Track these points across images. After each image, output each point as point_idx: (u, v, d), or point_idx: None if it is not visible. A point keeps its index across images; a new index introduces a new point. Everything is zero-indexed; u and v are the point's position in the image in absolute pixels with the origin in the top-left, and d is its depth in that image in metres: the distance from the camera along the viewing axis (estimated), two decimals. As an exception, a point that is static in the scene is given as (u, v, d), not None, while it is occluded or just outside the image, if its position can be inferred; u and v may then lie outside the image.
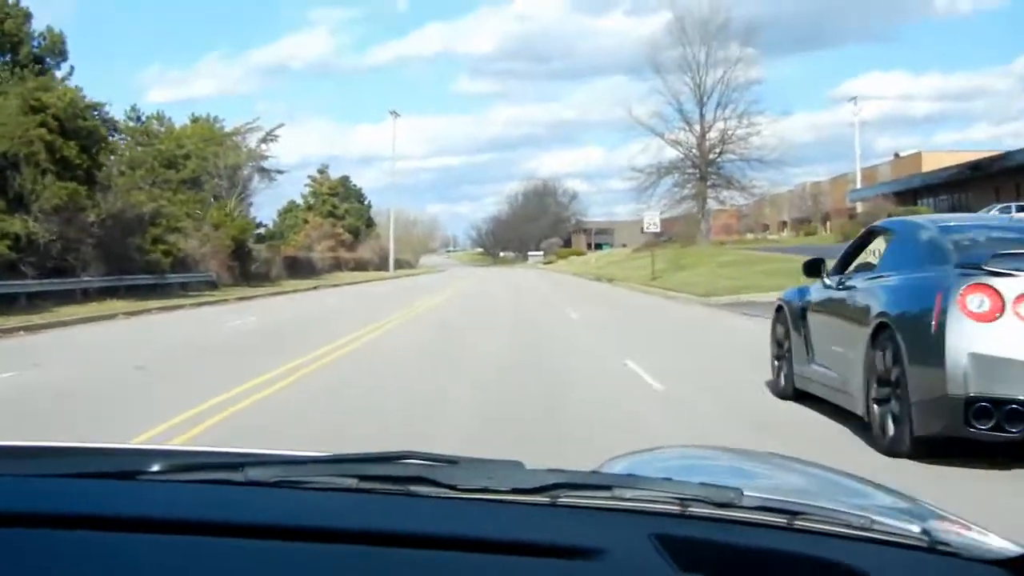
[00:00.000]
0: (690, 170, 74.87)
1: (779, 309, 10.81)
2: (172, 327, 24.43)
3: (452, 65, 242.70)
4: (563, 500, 1.36)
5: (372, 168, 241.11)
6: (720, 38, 72.11)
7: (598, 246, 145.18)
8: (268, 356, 14.80)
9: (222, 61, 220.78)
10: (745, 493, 1.35)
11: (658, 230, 49.21)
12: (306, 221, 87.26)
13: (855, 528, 1.34)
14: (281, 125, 69.41)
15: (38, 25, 40.21)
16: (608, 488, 1.39)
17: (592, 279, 59.89)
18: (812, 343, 9.62)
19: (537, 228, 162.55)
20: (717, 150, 74.09)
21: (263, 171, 67.59)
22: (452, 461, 1.45)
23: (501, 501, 1.36)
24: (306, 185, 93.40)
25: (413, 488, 1.38)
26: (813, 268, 9.92)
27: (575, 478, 1.41)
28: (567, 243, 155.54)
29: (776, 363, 10.69)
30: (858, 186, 75.00)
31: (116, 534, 1.27)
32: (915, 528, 1.40)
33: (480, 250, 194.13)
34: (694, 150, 74.16)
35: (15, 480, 1.44)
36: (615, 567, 1.22)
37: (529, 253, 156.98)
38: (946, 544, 1.35)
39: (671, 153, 74.88)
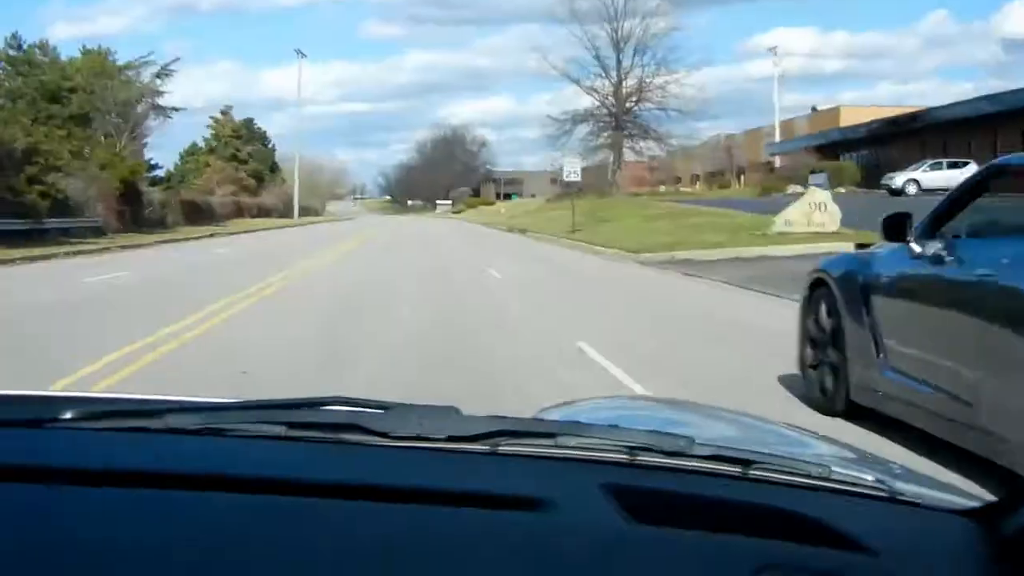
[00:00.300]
0: (606, 118, 71.94)
1: (817, 284, 7.49)
2: (20, 283, 20.47)
3: (362, 7, 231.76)
4: (504, 448, 1.28)
5: (280, 113, 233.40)
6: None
7: (507, 196, 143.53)
8: (95, 339, 11.01)
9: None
10: (696, 442, 1.28)
11: (578, 178, 45.87)
12: (208, 165, 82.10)
13: (812, 478, 1.28)
14: (177, 59, 64.88)
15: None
16: (552, 436, 1.30)
17: (504, 230, 56.60)
18: (884, 340, 6.45)
19: (446, 177, 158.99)
20: (634, 99, 71.14)
21: (159, 108, 62.82)
22: (383, 407, 1.36)
23: (437, 449, 1.27)
24: (208, 127, 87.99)
25: (343, 436, 1.28)
26: (895, 227, 6.54)
27: (516, 425, 1.32)
28: (476, 193, 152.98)
29: (811, 368, 7.49)
30: (776, 139, 72.78)
31: (24, 485, 1.14)
32: (870, 478, 1.35)
33: (388, 199, 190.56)
34: (610, 98, 71.26)
35: None
36: (563, 518, 1.14)
37: (437, 202, 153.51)
38: (904, 494, 1.31)
39: (587, 101, 71.95)
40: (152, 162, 63.32)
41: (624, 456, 1.26)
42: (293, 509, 1.12)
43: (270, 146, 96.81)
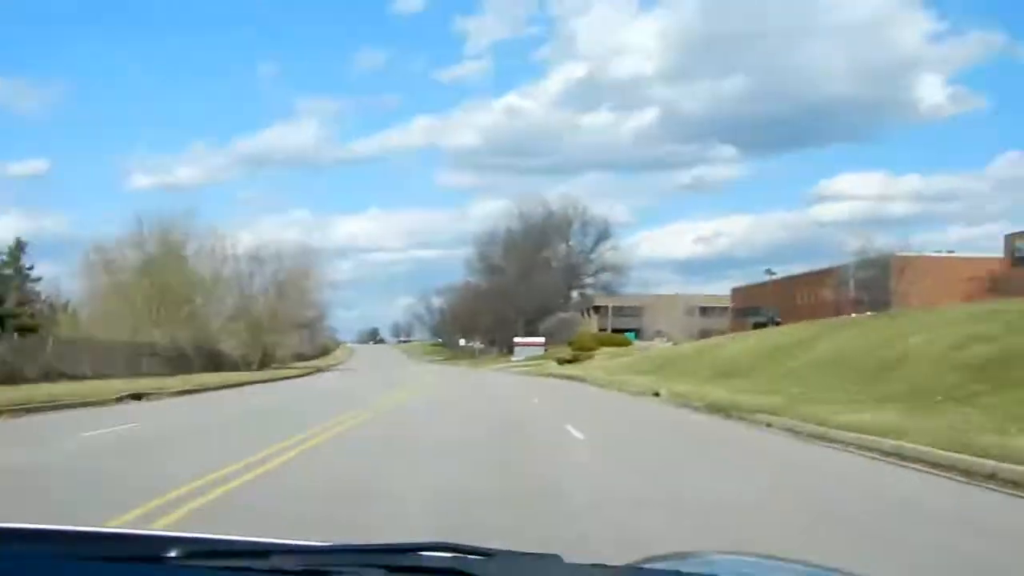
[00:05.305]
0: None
1: None
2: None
3: (435, 158, 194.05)
4: None
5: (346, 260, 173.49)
6: None
7: (617, 331, 75.55)
8: None
9: (207, 149, 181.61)
10: None
11: None
12: None
13: None
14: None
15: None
16: None
17: None
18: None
19: (527, 299, 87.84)
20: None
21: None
22: (486, 553, 1.28)
23: None
24: None
25: None
26: None
27: (619, 575, 1.18)
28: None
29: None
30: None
31: None
32: None
33: (439, 341, 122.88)
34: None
35: (50, 562, 1.31)
36: None
37: (516, 342, 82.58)
38: None
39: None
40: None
41: None
42: None
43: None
